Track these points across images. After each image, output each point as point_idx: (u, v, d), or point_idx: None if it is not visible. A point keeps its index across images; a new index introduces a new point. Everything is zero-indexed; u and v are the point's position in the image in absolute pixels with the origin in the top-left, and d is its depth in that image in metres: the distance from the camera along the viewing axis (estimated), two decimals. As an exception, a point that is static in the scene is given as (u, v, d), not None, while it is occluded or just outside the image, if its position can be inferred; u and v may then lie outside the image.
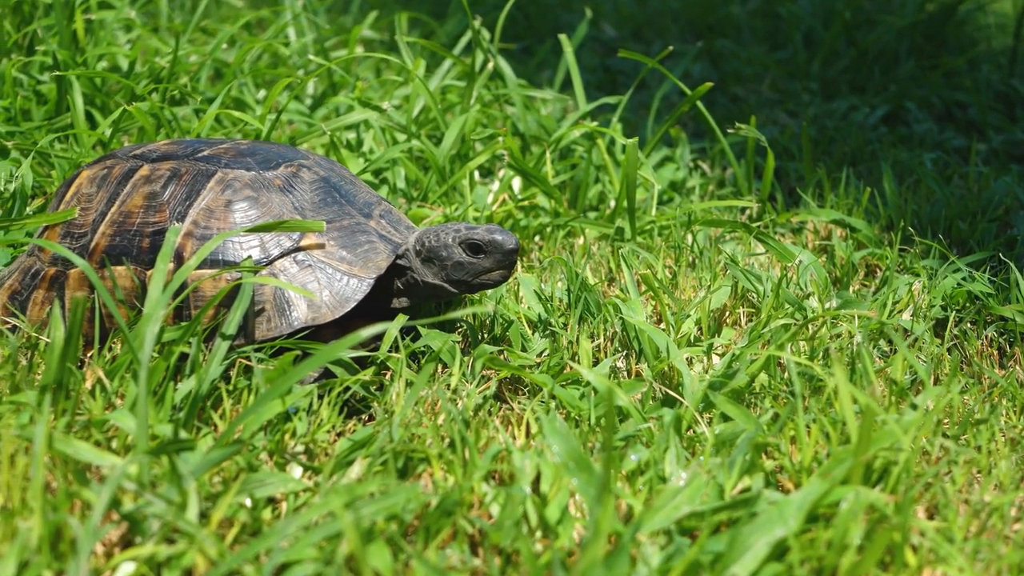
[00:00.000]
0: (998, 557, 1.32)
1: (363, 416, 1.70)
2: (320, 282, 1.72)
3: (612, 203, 2.67)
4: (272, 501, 1.41)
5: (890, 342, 1.97)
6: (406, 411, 1.50)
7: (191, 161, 1.82)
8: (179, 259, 1.72)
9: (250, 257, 1.71)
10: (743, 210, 2.77)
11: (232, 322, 1.57)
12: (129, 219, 1.78)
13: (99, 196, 1.83)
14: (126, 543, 1.30)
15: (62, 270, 1.81)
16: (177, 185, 1.78)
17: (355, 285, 1.74)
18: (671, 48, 2.79)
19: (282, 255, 1.74)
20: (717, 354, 1.89)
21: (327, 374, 1.70)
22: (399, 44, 3.09)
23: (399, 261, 1.82)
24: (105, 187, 1.83)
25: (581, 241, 2.50)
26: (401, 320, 1.72)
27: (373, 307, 1.84)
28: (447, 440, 1.50)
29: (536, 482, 1.40)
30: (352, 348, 1.69)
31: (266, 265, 1.72)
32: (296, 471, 1.45)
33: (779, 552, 1.24)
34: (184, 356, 1.64)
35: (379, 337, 1.75)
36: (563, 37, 2.96)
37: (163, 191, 1.78)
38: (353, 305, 1.72)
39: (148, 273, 1.73)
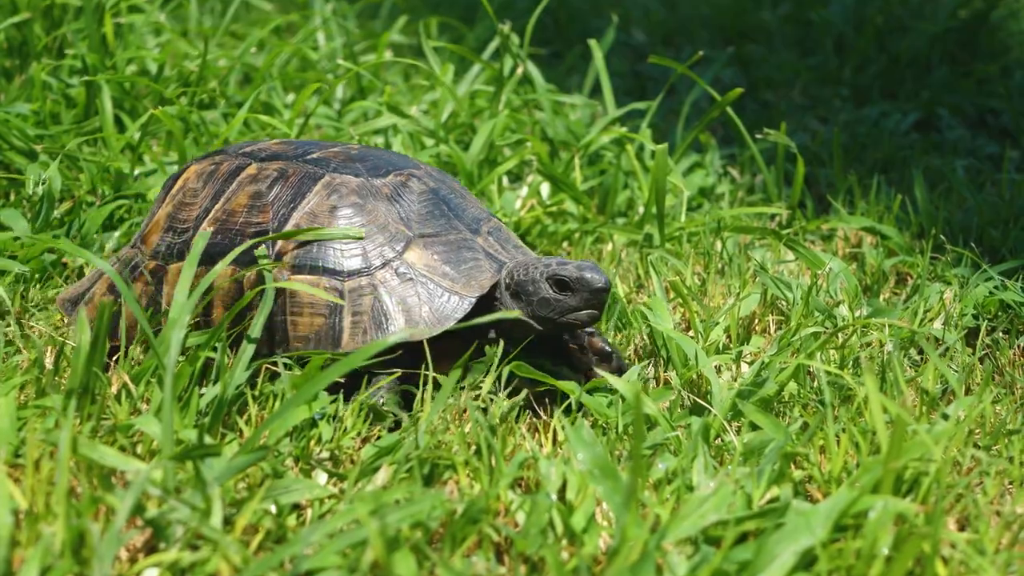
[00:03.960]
0: (1031, 570, 1.31)
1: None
2: (420, 297, 1.68)
3: (641, 209, 2.66)
4: (297, 508, 1.40)
5: (921, 351, 1.95)
6: (432, 417, 1.49)
7: (299, 163, 1.79)
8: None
9: (343, 266, 1.69)
10: (773, 217, 2.76)
11: (256, 326, 1.56)
12: (232, 217, 1.75)
13: (204, 192, 1.80)
14: (150, 549, 1.29)
15: (162, 264, 1.80)
16: (283, 186, 1.75)
17: (456, 303, 1.68)
18: (701, 53, 2.77)
19: (384, 265, 1.70)
20: (746, 362, 1.88)
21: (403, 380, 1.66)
22: (425, 49, 3.09)
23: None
24: (211, 183, 1.81)
25: (610, 247, 2.49)
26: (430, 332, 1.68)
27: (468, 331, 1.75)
28: (473, 447, 1.49)
29: (563, 490, 1.39)
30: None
31: (367, 275, 1.69)
32: (321, 477, 1.45)
33: (807, 562, 1.23)
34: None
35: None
36: (592, 42, 2.96)
37: (268, 191, 1.75)
38: (452, 323, 1.67)
39: (245, 273, 1.71)
